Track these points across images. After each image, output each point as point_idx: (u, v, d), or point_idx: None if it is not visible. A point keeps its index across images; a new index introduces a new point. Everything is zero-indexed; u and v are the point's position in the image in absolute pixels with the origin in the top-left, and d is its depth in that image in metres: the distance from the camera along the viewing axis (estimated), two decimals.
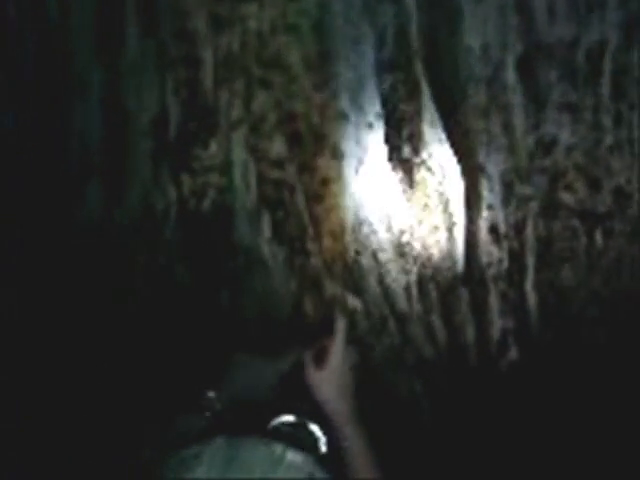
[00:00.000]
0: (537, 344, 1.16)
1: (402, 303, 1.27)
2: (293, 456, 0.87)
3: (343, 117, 1.16)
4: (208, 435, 0.90)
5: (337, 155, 1.18)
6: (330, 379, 1.11)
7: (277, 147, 1.18)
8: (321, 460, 0.94)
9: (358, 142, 1.18)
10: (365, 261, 1.25)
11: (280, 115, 1.15)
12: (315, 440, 1.05)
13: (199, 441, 0.88)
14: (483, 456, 1.25)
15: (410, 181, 1.16)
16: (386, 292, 1.27)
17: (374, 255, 1.25)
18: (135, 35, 1.15)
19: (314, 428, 1.06)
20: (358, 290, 1.27)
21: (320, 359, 1.13)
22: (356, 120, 1.17)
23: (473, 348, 1.25)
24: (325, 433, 1.08)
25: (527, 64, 0.97)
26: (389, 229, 1.22)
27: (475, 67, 1.00)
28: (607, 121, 0.97)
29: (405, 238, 1.22)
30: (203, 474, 0.83)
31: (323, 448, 1.05)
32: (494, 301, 1.19)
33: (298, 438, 1.03)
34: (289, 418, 1.07)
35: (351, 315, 1.25)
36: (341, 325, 1.18)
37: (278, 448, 0.88)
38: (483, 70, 1.00)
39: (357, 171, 1.20)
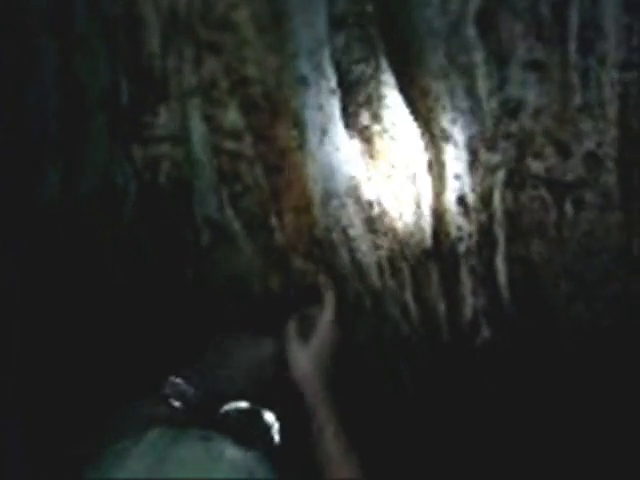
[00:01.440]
0: (509, 321, 1.10)
1: (375, 279, 1.21)
2: (233, 453, 0.78)
3: (302, 82, 1.09)
4: (152, 426, 0.83)
5: (298, 124, 1.11)
6: (312, 355, 1.02)
7: (232, 116, 1.11)
8: (270, 453, 0.87)
9: (320, 109, 1.11)
10: (333, 236, 1.19)
11: (233, 81, 1.08)
12: (268, 429, 0.98)
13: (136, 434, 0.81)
14: (461, 435, 1.20)
15: (371, 150, 1.08)
16: (356, 268, 1.21)
17: (343, 230, 1.19)
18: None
19: (268, 416, 1.00)
20: (328, 266, 1.21)
21: (305, 332, 1.04)
22: (317, 85, 1.09)
23: (446, 325, 1.18)
24: (284, 418, 1.02)
25: (488, 18, 0.88)
26: (355, 202, 1.15)
27: (433, 22, 0.91)
28: (575, 79, 0.88)
29: (371, 212, 1.15)
30: (130, 471, 0.75)
31: (276, 437, 0.98)
32: (465, 277, 1.12)
33: (249, 426, 0.97)
34: (242, 404, 1.00)
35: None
36: (330, 296, 1.09)
37: (218, 444, 0.79)
38: (441, 25, 0.91)
39: (321, 141, 1.13)
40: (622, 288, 1.01)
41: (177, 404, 1.00)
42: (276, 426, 0.97)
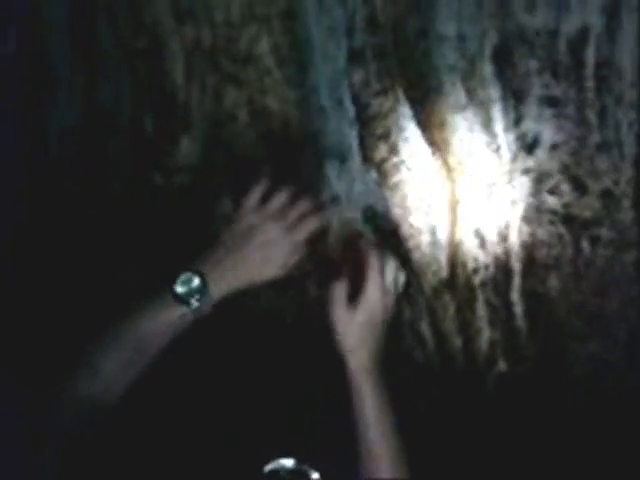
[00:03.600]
0: (524, 355, 1.09)
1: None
2: None
3: (322, 113, 1.10)
4: None
5: (317, 154, 1.13)
6: (362, 324, 0.89)
7: (252, 146, 1.12)
8: None
9: (340, 140, 1.12)
10: None
11: (253, 112, 1.10)
12: None
13: None
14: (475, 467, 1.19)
15: (389, 181, 1.09)
16: None
17: None
18: (105, 29, 1.12)
19: (315, 476, 0.95)
20: None
21: (352, 297, 0.91)
22: (336, 117, 1.10)
23: (462, 357, 1.18)
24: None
25: (505, 54, 0.89)
26: (372, 231, 1.16)
27: (450, 57, 0.92)
28: (592, 117, 0.88)
29: (389, 241, 1.15)
30: None
31: None
32: (481, 309, 1.11)
33: None
34: (288, 463, 0.97)
35: None
36: (377, 255, 0.93)
37: None
38: (459, 61, 0.92)
39: (339, 170, 1.14)
40: (637, 327, 1.00)
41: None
42: None
